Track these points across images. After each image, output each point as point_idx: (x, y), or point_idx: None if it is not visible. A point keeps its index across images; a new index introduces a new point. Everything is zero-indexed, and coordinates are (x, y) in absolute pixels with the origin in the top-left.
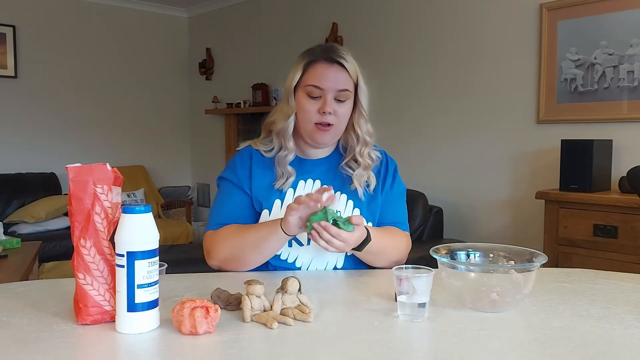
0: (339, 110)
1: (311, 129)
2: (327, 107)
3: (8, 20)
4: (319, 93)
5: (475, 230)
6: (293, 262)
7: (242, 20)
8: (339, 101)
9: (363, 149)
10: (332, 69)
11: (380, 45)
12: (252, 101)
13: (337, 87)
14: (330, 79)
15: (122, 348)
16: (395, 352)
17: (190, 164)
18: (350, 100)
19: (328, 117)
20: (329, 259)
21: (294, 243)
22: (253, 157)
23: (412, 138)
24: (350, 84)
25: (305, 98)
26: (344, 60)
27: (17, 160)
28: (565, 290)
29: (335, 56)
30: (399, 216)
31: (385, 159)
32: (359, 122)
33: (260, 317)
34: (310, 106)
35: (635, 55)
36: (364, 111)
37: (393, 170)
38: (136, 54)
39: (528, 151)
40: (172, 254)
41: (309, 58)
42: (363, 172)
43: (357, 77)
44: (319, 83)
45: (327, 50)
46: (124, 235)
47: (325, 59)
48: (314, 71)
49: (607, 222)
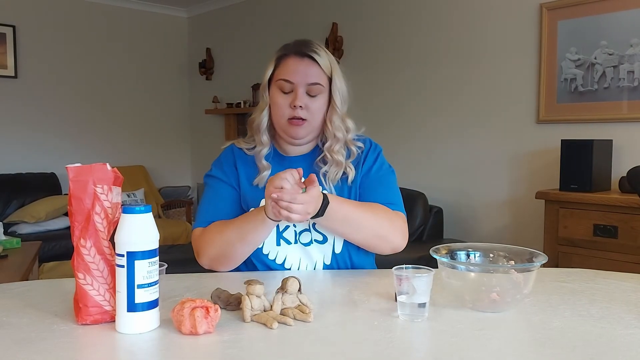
0: (311, 104)
1: (284, 123)
2: (298, 100)
3: (8, 20)
4: (290, 87)
5: (475, 230)
6: (282, 263)
7: (242, 20)
8: (310, 96)
9: (333, 145)
10: (303, 62)
11: (380, 45)
12: (252, 101)
13: (308, 80)
14: (300, 72)
15: (122, 348)
16: (395, 352)
17: (190, 164)
18: (323, 95)
19: (300, 112)
20: (317, 258)
21: (282, 242)
22: (236, 155)
23: (412, 138)
24: (322, 78)
25: (277, 92)
26: (316, 54)
27: (17, 160)
28: (565, 290)
29: (307, 50)
30: (388, 197)
31: (368, 146)
32: (332, 118)
33: (260, 317)
34: (282, 100)
35: (635, 55)
36: (337, 107)
37: (376, 155)
38: (136, 54)
39: (528, 151)
40: (172, 254)
41: (281, 52)
42: (335, 169)
43: (330, 72)
44: (289, 77)
45: (299, 45)
46: (124, 235)
47: (296, 52)
48: (285, 65)
49: (607, 222)
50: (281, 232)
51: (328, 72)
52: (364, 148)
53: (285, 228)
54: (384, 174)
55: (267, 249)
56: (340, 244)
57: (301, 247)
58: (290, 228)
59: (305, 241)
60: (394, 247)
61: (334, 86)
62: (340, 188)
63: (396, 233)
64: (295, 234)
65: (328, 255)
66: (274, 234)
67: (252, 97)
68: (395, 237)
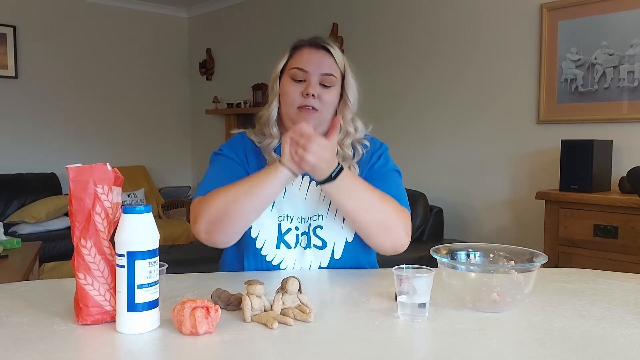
0: (323, 95)
1: (294, 113)
2: (311, 88)
3: (8, 20)
4: (303, 76)
5: (475, 231)
6: (278, 264)
7: (242, 20)
8: (324, 86)
9: (345, 139)
10: (318, 53)
11: (380, 45)
12: (253, 101)
13: (322, 70)
14: (314, 62)
15: (122, 348)
16: (396, 352)
17: (190, 164)
18: (336, 87)
19: (312, 101)
20: (312, 260)
21: (282, 245)
22: (246, 143)
23: (412, 138)
24: (336, 71)
25: (289, 82)
26: (331, 47)
27: (17, 160)
28: (566, 290)
29: (322, 42)
30: (393, 192)
31: (373, 145)
32: (344, 112)
33: (261, 317)
34: (293, 89)
35: (635, 56)
36: (349, 102)
37: (381, 152)
38: (136, 54)
39: (528, 151)
40: (172, 254)
41: (295, 44)
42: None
43: (344, 68)
44: (303, 65)
45: (315, 38)
46: (124, 236)
47: (311, 44)
48: (300, 55)
49: (607, 222)
50: (283, 234)
51: (342, 67)
52: (369, 147)
53: (287, 231)
54: (389, 171)
55: (266, 251)
56: (340, 249)
57: (300, 252)
58: (292, 231)
59: (303, 245)
60: (396, 244)
61: (347, 82)
62: None
63: (401, 228)
64: (296, 237)
65: (325, 261)
66: (275, 237)
67: (253, 97)
68: (400, 232)
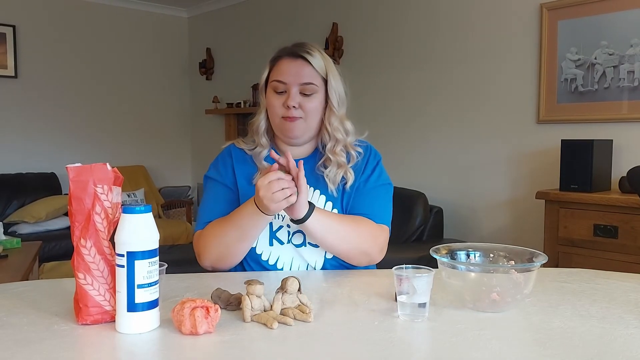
0: (305, 104)
1: (278, 122)
2: (290, 100)
3: (8, 20)
4: (284, 88)
5: (475, 230)
6: (274, 263)
7: (242, 20)
8: (305, 95)
9: (335, 146)
10: (296, 63)
11: (381, 45)
12: (252, 101)
13: (300, 80)
14: (292, 73)
15: (122, 348)
16: (395, 352)
17: (190, 164)
18: (318, 95)
19: (294, 111)
20: (309, 259)
21: (275, 242)
22: (233, 155)
23: (412, 137)
24: (316, 78)
25: (271, 94)
26: (309, 55)
27: (17, 160)
28: (566, 290)
29: (300, 51)
30: (373, 208)
31: (368, 153)
32: (330, 119)
33: (261, 317)
34: (276, 101)
35: (635, 55)
36: (334, 108)
37: (375, 163)
38: (136, 54)
39: (528, 151)
40: (172, 254)
41: (275, 55)
42: (337, 170)
43: (325, 73)
44: (282, 77)
45: (293, 46)
46: (124, 235)
47: (289, 54)
48: (279, 67)
49: (607, 222)
50: (274, 231)
51: (322, 73)
52: (363, 154)
53: (278, 228)
54: (380, 186)
55: (260, 249)
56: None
57: (293, 248)
58: (284, 228)
59: (298, 242)
60: (371, 261)
61: (330, 87)
62: (340, 191)
63: (377, 249)
64: (288, 234)
65: (320, 260)
66: (267, 235)
67: (252, 97)
68: (376, 253)
